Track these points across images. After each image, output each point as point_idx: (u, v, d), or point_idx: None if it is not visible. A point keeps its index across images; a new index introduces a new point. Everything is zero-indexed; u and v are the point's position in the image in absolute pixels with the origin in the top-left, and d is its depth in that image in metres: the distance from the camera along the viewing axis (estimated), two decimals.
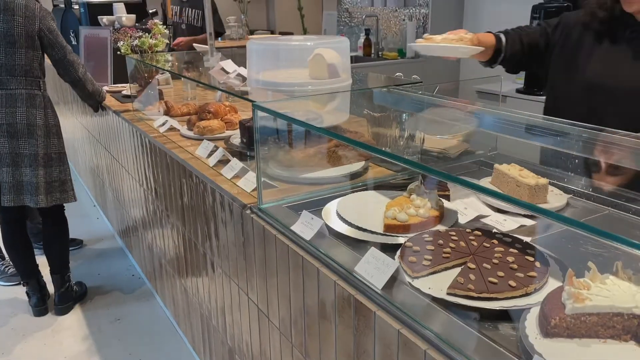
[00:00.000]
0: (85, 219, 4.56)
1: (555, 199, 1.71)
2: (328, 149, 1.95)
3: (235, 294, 1.96)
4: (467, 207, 1.71)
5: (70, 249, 4.02)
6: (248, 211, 1.71)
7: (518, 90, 3.74)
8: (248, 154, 2.13)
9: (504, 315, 1.16)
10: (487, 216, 1.67)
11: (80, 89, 2.99)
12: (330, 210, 1.68)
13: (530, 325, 1.08)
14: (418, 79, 2.06)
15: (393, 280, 1.26)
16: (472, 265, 1.28)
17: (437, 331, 1.07)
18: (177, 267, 2.65)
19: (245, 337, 1.93)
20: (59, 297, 3.25)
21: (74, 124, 4.69)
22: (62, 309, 3.26)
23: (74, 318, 3.25)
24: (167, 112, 2.85)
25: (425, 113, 2.09)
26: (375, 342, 1.19)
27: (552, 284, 1.24)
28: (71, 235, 4.10)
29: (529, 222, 1.65)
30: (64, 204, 3.20)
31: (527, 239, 1.44)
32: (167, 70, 2.80)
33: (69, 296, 3.30)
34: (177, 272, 2.69)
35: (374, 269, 1.27)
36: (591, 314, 1.03)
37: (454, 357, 1.01)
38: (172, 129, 2.62)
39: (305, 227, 1.50)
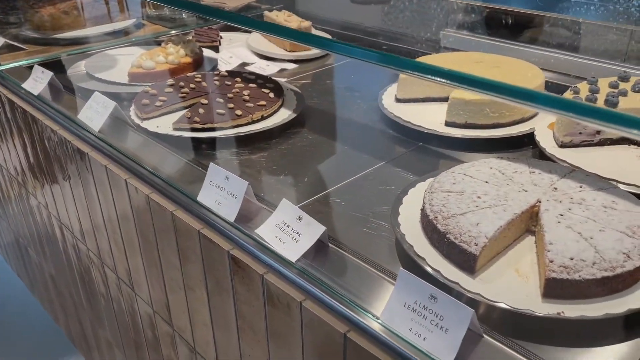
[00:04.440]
0: None
1: None
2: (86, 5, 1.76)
3: (5, 175, 1.79)
4: (233, 56, 1.65)
5: None
6: None
7: None
8: (2, 18, 1.86)
9: (228, 142, 1.15)
10: (252, 63, 1.64)
11: None
12: (81, 67, 1.53)
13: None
14: None
15: (122, 125, 1.19)
16: (205, 101, 1.24)
17: (146, 160, 1.03)
18: None
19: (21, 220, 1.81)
20: None
21: None
22: None
23: None
24: None
25: None
26: (95, 185, 1.14)
27: (284, 112, 1.25)
28: None
29: (292, 65, 1.65)
30: None
31: (281, 80, 1.43)
32: None
33: None
34: None
35: (95, 113, 1.18)
36: None
37: (145, 176, 0.98)
38: None
39: (35, 82, 1.35)
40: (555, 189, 0.80)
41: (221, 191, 0.87)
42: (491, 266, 0.73)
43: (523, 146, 1.11)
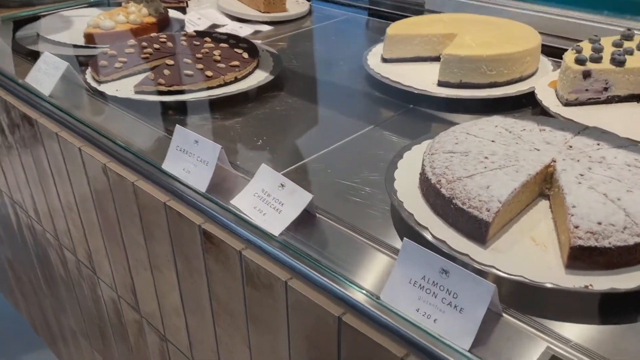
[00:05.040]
0: None
1: (296, 6, 1.60)
2: None
3: None
4: (201, 17, 1.51)
5: None
6: None
7: None
8: None
9: (198, 106, 1.03)
10: (223, 25, 1.51)
11: None
12: (32, 29, 1.38)
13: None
14: None
15: (76, 88, 1.05)
16: (171, 62, 1.11)
17: (103, 126, 0.91)
18: None
19: None
20: None
21: None
22: None
23: None
24: None
25: None
26: (47, 156, 1.01)
27: (260, 74, 1.13)
28: None
29: (266, 27, 1.52)
30: None
31: (256, 41, 1.31)
32: None
33: None
34: None
35: (45, 75, 1.04)
36: None
37: (101, 144, 0.86)
38: None
39: None
40: (570, 147, 0.71)
41: (190, 157, 0.75)
42: (503, 235, 0.63)
43: (522, 107, 1.02)
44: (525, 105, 1.03)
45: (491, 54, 1.00)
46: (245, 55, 1.15)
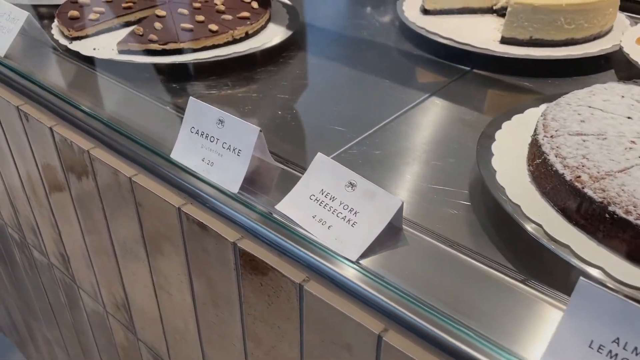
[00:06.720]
0: None
1: None
2: None
3: None
4: None
5: None
6: None
7: None
8: None
9: (199, 70, 0.81)
10: None
11: None
12: None
13: None
14: None
15: (41, 47, 0.81)
16: (162, 13, 0.88)
17: (80, 98, 0.68)
18: None
19: None
20: None
21: None
22: None
23: None
24: None
25: None
26: (5, 135, 0.77)
27: (275, 29, 0.91)
28: None
29: None
30: None
31: None
32: None
33: None
34: None
35: None
36: None
37: (81, 122, 0.64)
38: None
39: None
40: None
41: (212, 144, 0.54)
42: None
43: (600, 70, 0.84)
44: (604, 67, 0.84)
45: (573, 2, 0.80)
46: (255, 4, 0.92)
